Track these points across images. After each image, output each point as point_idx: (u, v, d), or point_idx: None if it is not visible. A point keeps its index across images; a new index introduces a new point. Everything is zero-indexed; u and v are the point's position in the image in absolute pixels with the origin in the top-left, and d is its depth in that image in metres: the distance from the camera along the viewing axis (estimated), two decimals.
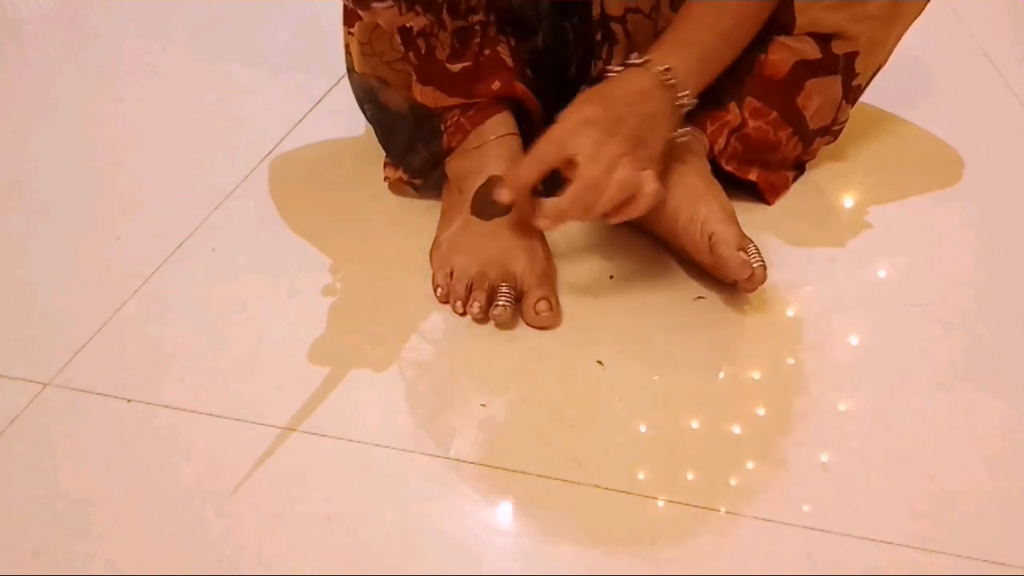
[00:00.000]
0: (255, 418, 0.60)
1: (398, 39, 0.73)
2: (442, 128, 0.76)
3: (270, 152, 0.90)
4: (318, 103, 1.00)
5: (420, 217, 0.79)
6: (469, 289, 0.68)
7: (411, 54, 0.73)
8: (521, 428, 0.59)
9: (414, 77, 0.75)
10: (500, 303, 0.66)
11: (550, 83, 0.71)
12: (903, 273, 0.74)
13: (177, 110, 1.00)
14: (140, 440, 0.59)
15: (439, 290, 0.70)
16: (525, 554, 0.52)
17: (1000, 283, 0.73)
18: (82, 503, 0.54)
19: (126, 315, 0.69)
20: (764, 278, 0.65)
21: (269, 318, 0.69)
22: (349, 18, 0.78)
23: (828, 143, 0.83)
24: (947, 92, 1.04)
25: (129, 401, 0.61)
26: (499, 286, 0.68)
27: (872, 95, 0.84)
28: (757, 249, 0.66)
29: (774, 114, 0.77)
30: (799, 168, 0.85)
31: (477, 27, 0.73)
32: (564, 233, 0.77)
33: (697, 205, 0.68)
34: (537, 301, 0.67)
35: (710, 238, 0.66)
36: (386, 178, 0.83)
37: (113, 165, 0.90)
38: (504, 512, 0.54)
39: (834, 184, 0.86)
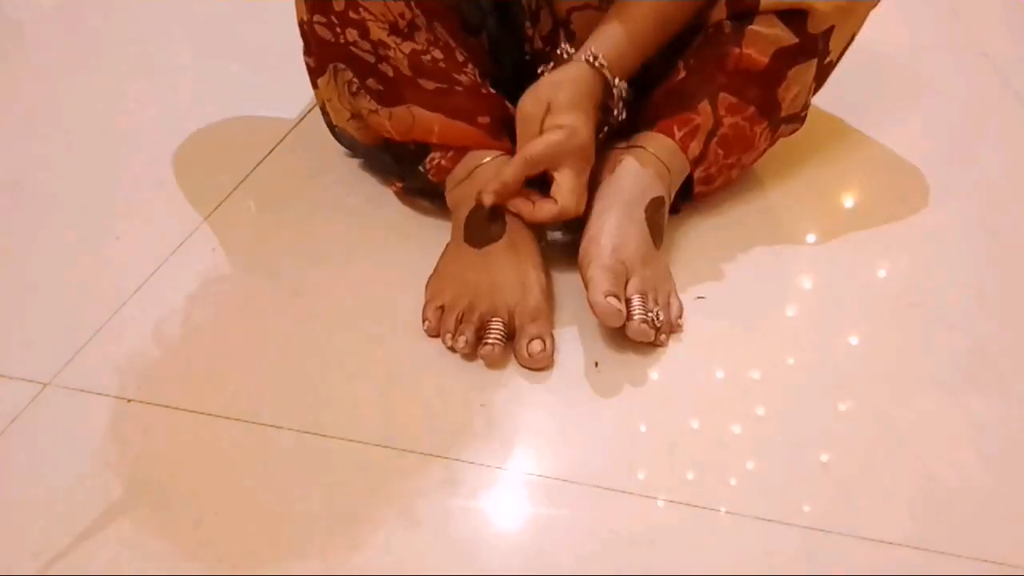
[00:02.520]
0: (255, 418, 0.60)
1: (347, 93, 0.73)
2: (422, 170, 0.74)
3: (270, 152, 0.90)
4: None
5: (420, 217, 0.79)
6: (459, 322, 0.64)
7: (371, 80, 0.71)
8: (521, 428, 0.59)
9: (379, 109, 0.73)
10: (489, 341, 0.62)
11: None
12: (903, 273, 0.74)
13: (177, 110, 1.00)
14: (140, 440, 0.59)
15: (426, 323, 0.66)
16: (525, 554, 0.52)
17: (1000, 283, 0.73)
18: (82, 503, 0.54)
19: (126, 315, 0.69)
20: (648, 334, 0.62)
21: (269, 318, 0.69)
22: (313, 76, 0.77)
23: (793, 131, 0.80)
24: (947, 92, 1.04)
25: (129, 401, 0.61)
26: (489, 321, 0.64)
27: (872, 95, 0.84)
28: (644, 303, 0.63)
29: (752, 108, 0.74)
30: None
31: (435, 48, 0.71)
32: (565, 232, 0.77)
33: (589, 245, 0.66)
34: (530, 341, 0.63)
35: (587, 285, 0.64)
36: (392, 183, 0.82)
37: (113, 165, 0.90)
38: (504, 512, 0.54)
39: (834, 183, 0.86)
